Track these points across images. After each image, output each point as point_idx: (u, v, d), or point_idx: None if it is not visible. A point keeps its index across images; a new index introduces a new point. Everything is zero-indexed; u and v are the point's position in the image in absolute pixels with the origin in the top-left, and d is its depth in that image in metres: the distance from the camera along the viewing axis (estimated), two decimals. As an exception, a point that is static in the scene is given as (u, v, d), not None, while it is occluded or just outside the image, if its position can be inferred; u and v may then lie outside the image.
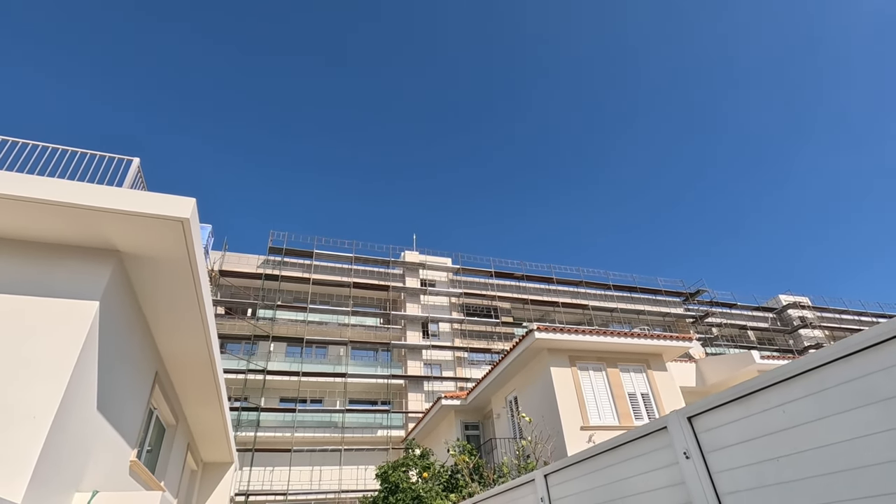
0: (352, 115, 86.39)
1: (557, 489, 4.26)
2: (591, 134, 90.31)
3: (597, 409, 13.03)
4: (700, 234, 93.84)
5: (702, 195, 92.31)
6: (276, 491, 27.06)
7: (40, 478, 5.12)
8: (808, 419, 2.28)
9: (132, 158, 7.63)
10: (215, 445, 15.31)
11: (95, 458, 6.75)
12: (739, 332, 43.95)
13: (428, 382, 32.82)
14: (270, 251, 34.51)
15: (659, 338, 14.29)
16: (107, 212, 5.87)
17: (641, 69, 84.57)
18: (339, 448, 29.18)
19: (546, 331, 13.12)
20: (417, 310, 36.03)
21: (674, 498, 3.01)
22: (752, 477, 2.53)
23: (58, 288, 6.03)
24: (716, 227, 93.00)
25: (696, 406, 2.91)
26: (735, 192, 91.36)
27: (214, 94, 78.51)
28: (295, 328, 32.30)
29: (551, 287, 40.70)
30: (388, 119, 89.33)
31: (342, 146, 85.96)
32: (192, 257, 6.78)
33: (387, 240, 65.35)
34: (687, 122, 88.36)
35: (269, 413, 29.18)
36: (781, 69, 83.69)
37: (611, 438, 3.64)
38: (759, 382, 2.52)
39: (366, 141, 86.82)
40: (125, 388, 7.68)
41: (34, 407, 5.23)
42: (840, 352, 2.16)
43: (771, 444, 2.45)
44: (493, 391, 16.07)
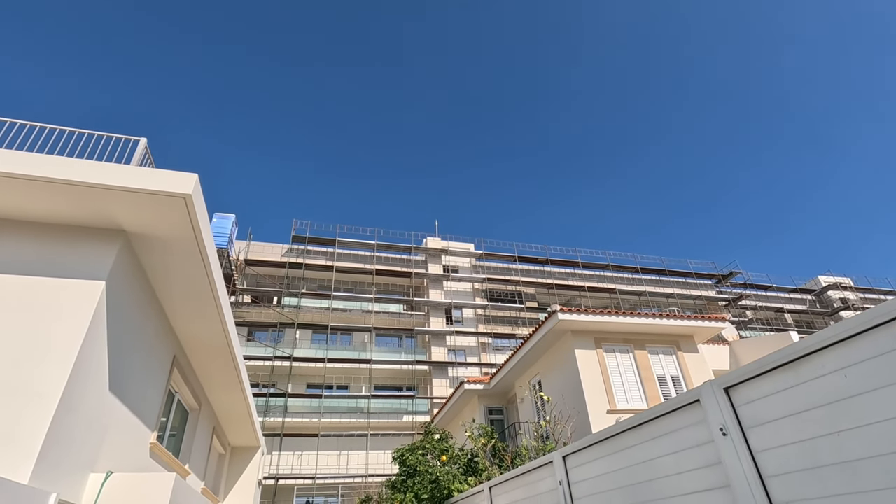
0: (374, 108, 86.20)
1: (577, 471, 3.91)
2: (621, 122, 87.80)
3: (624, 392, 12.55)
4: (734, 216, 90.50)
5: (736, 175, 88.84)
6: (305, 475, 27.52)
7: (49, 458, 5.06)
8: (879, 384, 1.85)
9: (139, 138, 7.50)
10: (241, 430, 15.48)
11: (112, 440, 6.73)
12: (776, 315, 42.27)
13: (452, 368, 32.71)
14: (294, 240, 34.78)
15: (689, 318, 13.64)
16: (108, 189, 5.73)
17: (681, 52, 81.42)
18: (366, 433, 29.43)
19: (569, 312, 12.67)
20: (440, 296, 35.86)
21: (709, 481, 2.63)
22: (803, 456, 2.13)
23: (64, 268, 5.95)
24: (751, 207, 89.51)
25: (734, 375, 2.50)
26: (772, 169, 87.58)
27: (236, 90, 79.46)
28: (319, 315, 32.58)
29: (577, 271, 39.88)
30: (412, 109, 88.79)
31: (364, 137, 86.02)
32: (199, 236, 6.61)
33: (409, 226, 65.24)
34: (722, 98, 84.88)
35: (297, 399, 29.61)
36: (831, 41, 79.26)
37: (635, 415, 3.26)
38: (812, 343, 2.09)
39: (388, 131, 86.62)
40: (141, 371, 7.66)
41: (41, 387, 5.17)
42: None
43: (828, 417, 2.04)
44: (517, 375, 15.74)
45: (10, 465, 4.69)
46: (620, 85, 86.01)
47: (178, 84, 74.69)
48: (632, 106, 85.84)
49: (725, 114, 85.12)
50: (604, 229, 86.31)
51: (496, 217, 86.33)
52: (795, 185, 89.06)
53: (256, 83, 80.00)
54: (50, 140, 7.03)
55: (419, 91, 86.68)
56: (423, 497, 7.67)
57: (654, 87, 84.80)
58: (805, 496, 2.11)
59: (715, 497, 2.58)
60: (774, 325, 41.12)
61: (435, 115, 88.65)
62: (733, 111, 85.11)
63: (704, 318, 13.71)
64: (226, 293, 8.98)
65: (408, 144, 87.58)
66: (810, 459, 2.10)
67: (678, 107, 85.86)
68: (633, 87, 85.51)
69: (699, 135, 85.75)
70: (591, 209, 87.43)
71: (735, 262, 44.18)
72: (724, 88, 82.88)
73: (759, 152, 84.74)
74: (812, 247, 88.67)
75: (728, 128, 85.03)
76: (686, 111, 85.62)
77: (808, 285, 45.69)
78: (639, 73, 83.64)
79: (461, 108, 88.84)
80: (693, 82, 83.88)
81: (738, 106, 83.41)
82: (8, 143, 6.77)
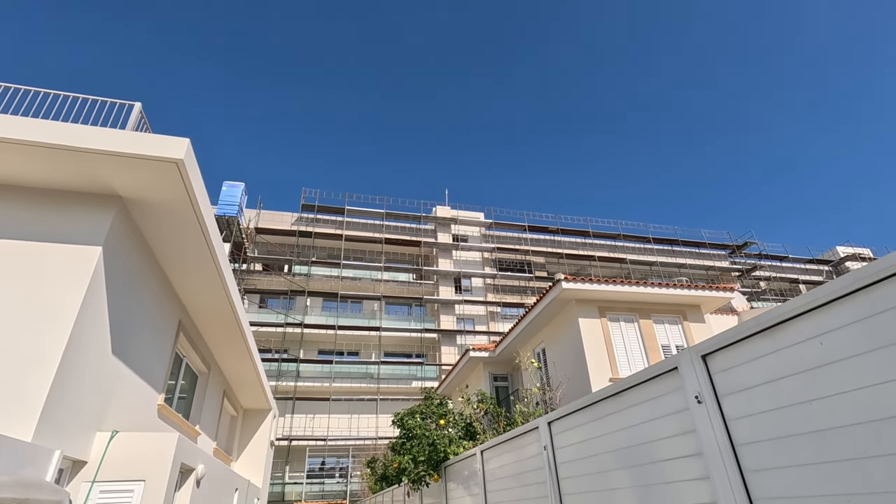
0: (381, 73, 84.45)
1: (561, 437, 3.91)
2: (628, 81, 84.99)
3: (627, 361, 12.55)
4: (750, 183, 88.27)
5: (753, 140, 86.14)
6: (317, 436, 28.44)
7: (52, 418, 5.22)
8: (854, 352, 1.76)
9: (133, 103, 7.40)
10: (252, 393, 15.92)
11: (119, 402, 6.93)
12: (790, 286, 41.67)
13: (461, 336, 33.07)
14: (303, 208, 34.83)
15: (696, 288, 13.46)
16: (100, 154, 5.68)
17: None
18: (376, 398, 30.14)
19: (574, 281, 12.56)
20: (450, 265, 35.91)
21: (683, 448, 2.58)
22: (776, 424, 2.05)
23: (61, 233, 5.99)
24: (767, 174, 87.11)
25: (712, 342, 2.42)
26: (791, 132, 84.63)
27: (243, 57, 78.28)
28: (329, 283, 32.93)
29: (587, 241, 39.51)
30: (419, 74, 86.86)
31: (374, 105, 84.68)
32: (195, 201, 6.58)
33: (418, 195, 64.84)
34: (735, 53, 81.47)
35: (308, 364, 30.30)
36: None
37: (617, 382, 3.20)
38: (789, 309, 1.99)
39: (395, 97, 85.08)
40: (145, 335, 7.81)
41: (42, 349, 5.28)
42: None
43: (802, 386, 1.95)
44: (522, 343, 15.82)
45: (15, 425, 4.84)
46: (629, 53, 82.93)
47: (182, 50, 73.78)
48: (641, 76, 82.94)
49: (740, 77, 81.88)
50: (616, 199, 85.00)
51: (507, 186, 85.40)
52: (815, 154, 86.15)
53: (262, 48, 78.69)
54: (45, 104, 6.96)
55: (427, 58, 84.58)
56: (421, 459, 7.86)
57: (655, 61, 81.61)
58: (775, 464, 2.05)
59: (688, 465, 2.54)
60: (788, 296, 40.58)
61: (447, 83, 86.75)
62: (749, 73, 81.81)
63: (712, 287, 13.52)
64: (227, 259, 9.03)
65: (417, 112, 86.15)
66: (782, 428, 2.02)
67: (690, 76, 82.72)
68: (639, 58, 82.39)
69: (715, 102, 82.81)
70: (603, 179, 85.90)
71: (751, 233, 43.37)
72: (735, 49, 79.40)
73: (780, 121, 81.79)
74: (831, 217, 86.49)
75: (744, 93, 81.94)
76: (698, 79, 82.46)
77: (825, 256, 44.80)
78: (638, 34, 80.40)
79: (474, 77, 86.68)
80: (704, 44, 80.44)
81: (755, 68, 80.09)
82: (6, 109, 6.73)
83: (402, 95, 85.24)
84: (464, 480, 6.94)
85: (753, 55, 79.73)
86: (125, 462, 6.30)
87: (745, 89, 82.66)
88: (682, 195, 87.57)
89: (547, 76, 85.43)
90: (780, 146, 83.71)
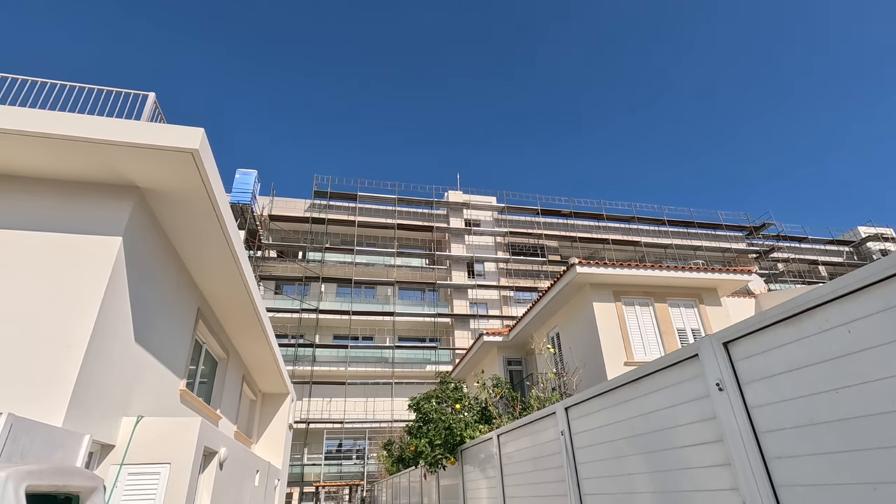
0: (393, 59, 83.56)
1: (578, 423, 3.92)
2: (641, 56, 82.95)
3: (642, 345, 12.50)
4: (769, 162, 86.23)
5: (771, 118, 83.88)
6: (334, 419, 28.98)
7: (80, 403, 5.38)
8: (885, 340, 1.72)
9: (147, 93, 7.43)
10: (270, 378, 16.24)
11: (143, 387, 7.12)
12: (809, 268, 40.91)
13: (474, 321, 33.20)
14: (316, 195, 34.97)
15: (712, 271, 13.29)
16: (117, 145, 5.75)
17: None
18: (391, 381, 30.53)
19: (588, 265, 12.49)
20: (462, 250, 35.91)
21: (703, 435, 2.57)
22: (799, 412, 2.03)
23: (83, 225, 6.10)
24: (789, 152, 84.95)
25: (734, 329, 2.39)
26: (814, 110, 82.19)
27: (254, 45, 77.97)
28: (343, 269, 33.18)
29: (601, 224, 39.12)
30: (432, 61, 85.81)
31: (384, 91, 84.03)
32: (210, 190, 6.65)
33: (430, 180, 64.62)
34: (751, 27, 78.95)
35: (324, 349, 30.74)
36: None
37: (636, 368, 3.19)
38: (817, 296, 1.95)
39: (407, 85, 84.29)
40: (166, 323, 7.97)
41: (68, 337, 5.43)
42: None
43: (828, 374, 1.92)
44: (536, 327, 15.84)
45: (45, 410, 5.01)
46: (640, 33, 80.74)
47: (191, 36, 73.73)
48: (653, 51, 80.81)
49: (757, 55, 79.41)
50: (630, 181, 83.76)
51: (519, 170, 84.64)
52: (835, 129, 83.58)
53: (273, 34, 78.28)
54: (61, 96, 7.03)
55: (441, 44, 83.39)
56: (437, 442, 7.98)
57: (667, 36, 79.26)
58: (797, 452, 2.03)
59: (709, 451, 2.54)
60: (807, 277, 39.88)
61: (456, 68, 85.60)
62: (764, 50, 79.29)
63: (729, 270, 13.33)
64: (243, 247, 9.13)
65: (428, 97, 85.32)
66: (806, 416, 2.00)
67: (709, 51, 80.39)
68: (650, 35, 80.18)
69: (730, 80, 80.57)
70: (616, 162, 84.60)
71: (769, 213, 42.58)
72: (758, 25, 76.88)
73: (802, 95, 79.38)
74: (853, 196, 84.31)
75: (760, 68, 79.52)
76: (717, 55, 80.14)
77: (846, 236, 43.79)
78: (649, 21, 78.12)
79: (483, 57, 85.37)
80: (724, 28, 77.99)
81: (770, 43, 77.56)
82: (24, 102, 6.81)
83: (415, 83, 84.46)
84: (480, 464, 7.03)
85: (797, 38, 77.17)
86: (151, 446, 6.50)
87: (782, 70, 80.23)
88: (700, 178, 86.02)
89: (560, 64, 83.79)
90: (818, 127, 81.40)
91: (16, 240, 5.84)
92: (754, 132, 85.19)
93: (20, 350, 5.24)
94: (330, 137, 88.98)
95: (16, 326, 5.35)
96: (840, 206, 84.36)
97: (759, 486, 2.18)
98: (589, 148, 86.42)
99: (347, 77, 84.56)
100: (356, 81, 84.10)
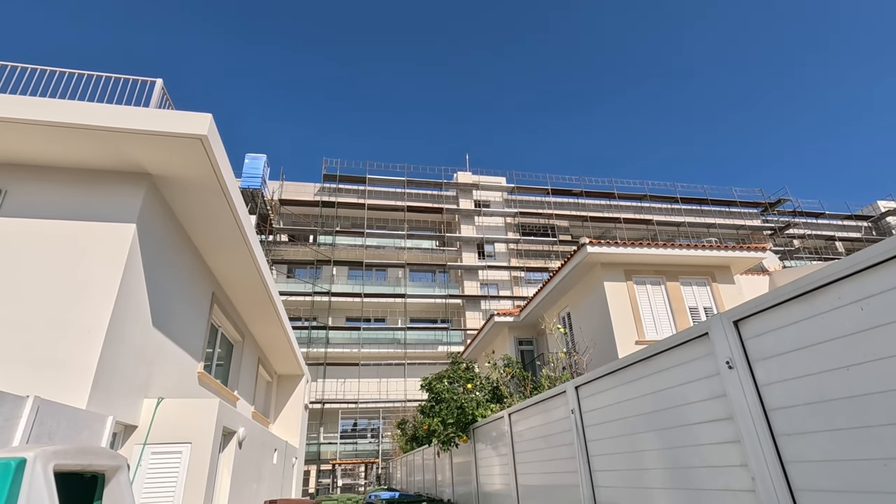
0: (401, 39, 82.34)
1: (588, 401, 3.96)
2: (653, 24, 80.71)
3: (654, 324, 12.47)
4: (785, 133, 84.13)
5: (791, 89, 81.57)
6: (349, 400, 29.53)
7: (103, 386, 5.54)
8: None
9: (155, 80, 7.42)
10: (285, 360, 16.54)
11: (162, 370, 7.30)
12: (826, 244, 40.22)
13: (485, 301, 33.33)
14: (325, 178, 34.99)
15: (725, 248, 13.13)
16: (126, 132, 5.79)
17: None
18: (403, 362, 30.92)
19: (599, 244, 12.41)
20: (472, 231, 35.85)
21: (712, 413, 2.59)
22: (810, 390, 2.03)
23: (97, 212, 6.19)
24: (805, 122, 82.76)
25: (744, 307, 2.37)
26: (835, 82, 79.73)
27: (260, 30, 77.23)
28: (354, 252, 33.37)
29: (612, 203, 38.70)
30: (436, 34, 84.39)
31: (389, 71, 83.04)
32: (220, 176, 6.69)
33: (439, 162, 64.26)
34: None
35: (337, 331, 31.15)
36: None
37: (645, 347, 3.20)
38: (831, 273, 1.93)
39: (415, 64, 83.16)
40: (182, 308, 8.13)
41: (88, 322, 5.56)
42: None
43: (840, 351, 1.91)
44: (546, 307, 15.86)
45: (69, 394, 5.17)
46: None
47: (198, 19, 73.22)
48: (665, 27, 78.54)
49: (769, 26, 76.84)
50: (641, 156, 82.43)
51: (529, 149, 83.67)
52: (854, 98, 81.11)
53: (278, 15, 77.44)
54: (70, 85, 7.04)
55: (446, 18, 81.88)
56: (450, 421, 8.11)
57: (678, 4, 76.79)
58: (808, 429, 2.04)
59: (718, 428, 2.55)
60: (823, 254, 39.24)
61: (463, 44, 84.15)
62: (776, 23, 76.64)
63: (742, 247, 13.17)
64: (254, 231, 9.22)
65: (436, 77, 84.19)
66: (816, 393, 2.00)
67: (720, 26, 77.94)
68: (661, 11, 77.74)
69: (742, 50, 78.18)
70: (628, 137, 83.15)
71: (784, 189, 41.73)
72: None
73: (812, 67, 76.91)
74: (872, 168, 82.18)
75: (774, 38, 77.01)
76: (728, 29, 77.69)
77: (864, 211, 42.86)
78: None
79: (492, 31, 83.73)
80: None
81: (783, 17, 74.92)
82: (34, 91, 6.85)
83: (422, 63, 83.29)
84: (492, 441, 7.14)
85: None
86: (172, 426, 6.70)
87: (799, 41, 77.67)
88: (714, 154, 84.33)
89: (569, 34, 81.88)
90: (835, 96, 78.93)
91: (33, 228, 5.96)
92: (771, 103, 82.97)
93: (42, 336, 5.39)
94: (338, 120, 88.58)
95: (37, 313, 5.49)
96: (859, 180, 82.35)
97: (768, 463, 2.19)
98: (600, 124, 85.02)
99: (354, 59, 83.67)
100: (363, 63, 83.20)
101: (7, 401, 3.53)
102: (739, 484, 2.40)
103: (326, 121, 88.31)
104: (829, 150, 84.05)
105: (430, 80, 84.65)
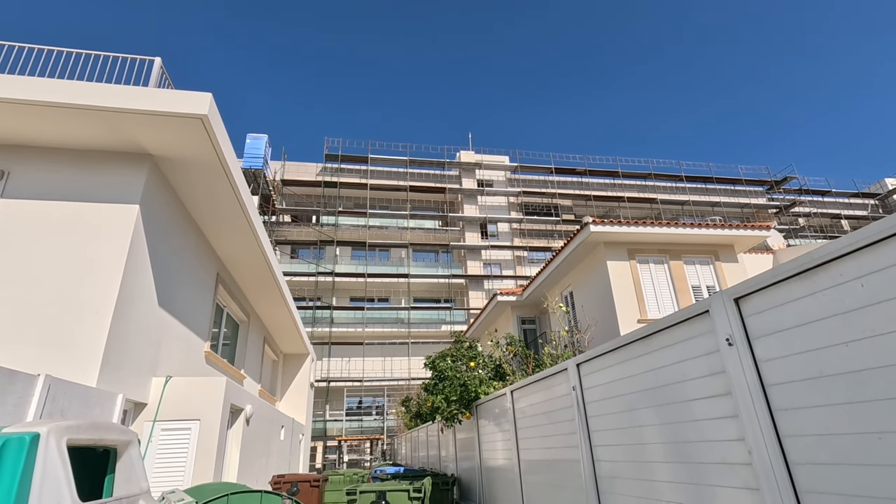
0: (401, 16, 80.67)
1: (589, 378, 4.01)
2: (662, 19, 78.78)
3: (657, 303, 12.52)
4: (792, 108, 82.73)
5: (798, 65, 79.87)
6: (353, 378, 29.96)
7: (112, 364, 5.64)
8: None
9: (153, 58, 7.33)
10: (290, 339, 16.74)
11: (169, 349, 7.42)
12: (831, 223, 39.95)
13: (488, 281, 33.44)
14: (327, 158, 34.80)
15: (729, 227, 13.07)
16: (126, 112, 5.75)
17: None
18: (407, 342, 31.24)
19: (602, 223, 12.37)
20: (475, 211, 35.75)
21: (711, 388, 2.62)
22: (808, 365, 2.05)
23: (100, 193, 6.20)
24: (813, 101, 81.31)
25: (745, 285, 2.38)
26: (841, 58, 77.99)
27: (260, 6, 75.70)
28: (357, 233, 33.40)
29: (616, 181, 38.40)
30: (440, 9, 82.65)
31: (393, 50, 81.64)
32: (222, 156, 6.67)
33: (441, 141, 63.58)
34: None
35: (341, 311, 31.41)
36: None
37: (646, 325, 3.22)
38: (832, 251, 1.93)
39: (414, 36, 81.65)
40: (188, 288, 8.20)
41: (95, 302, 5.63)
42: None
43: (840, 327, 1.93)
44: (549, 287, 15.91)
45: (80, 372, 5.27)
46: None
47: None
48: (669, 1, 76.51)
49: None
50: (645, 133, 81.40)
51: (532, 128, 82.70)
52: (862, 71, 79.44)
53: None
54: (69, 64, 6.95)
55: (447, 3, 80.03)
56: (453, 399, 8.24)
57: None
58: (805, 404, 2.07)
59: (717, 404, 2.59)
60: (829, 232, 39.01)
61: (467, 26, 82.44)
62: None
63: (745, 226, 13.11)
64: (257, 212, 9.23)
65: (437, 56, 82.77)
66: (816, 369, 2.02)
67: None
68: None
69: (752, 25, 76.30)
70: (632, 112, 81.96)
71: (791, 167, 41.25)
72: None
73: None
74: (880, 145, 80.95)
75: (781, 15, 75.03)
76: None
77: (871, 189, 42.40)
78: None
79: (489, 11, 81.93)
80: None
81: None
82: (32, 71, 6.78)
83: (423, 38, 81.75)
84: (495, 418, 7.27)
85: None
86: (180, 404, 6.84)
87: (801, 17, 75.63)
88: (719, 131, 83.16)
89: (570, 7, 79.99)
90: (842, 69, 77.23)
91: (38, 209, 5.98)
92: (776, 77, 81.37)
93: (51, 316, 5.47)
94: (339, 99, 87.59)
95: (45, 294, 5.56)
96: (866, 157, 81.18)
97: (765, 437, 2.23)
98: (603, 100, 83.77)
99: (354, 37, 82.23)
100: (364, 42, 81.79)
101: (19, 379, 3.61)
102: (736, 457, 2.45)
103: (328, 101, 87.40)
104: (838, 126, 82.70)
105: (432, 59, 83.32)
